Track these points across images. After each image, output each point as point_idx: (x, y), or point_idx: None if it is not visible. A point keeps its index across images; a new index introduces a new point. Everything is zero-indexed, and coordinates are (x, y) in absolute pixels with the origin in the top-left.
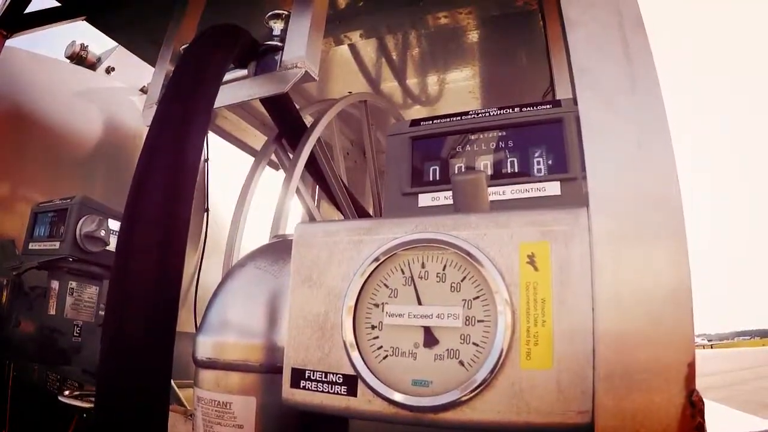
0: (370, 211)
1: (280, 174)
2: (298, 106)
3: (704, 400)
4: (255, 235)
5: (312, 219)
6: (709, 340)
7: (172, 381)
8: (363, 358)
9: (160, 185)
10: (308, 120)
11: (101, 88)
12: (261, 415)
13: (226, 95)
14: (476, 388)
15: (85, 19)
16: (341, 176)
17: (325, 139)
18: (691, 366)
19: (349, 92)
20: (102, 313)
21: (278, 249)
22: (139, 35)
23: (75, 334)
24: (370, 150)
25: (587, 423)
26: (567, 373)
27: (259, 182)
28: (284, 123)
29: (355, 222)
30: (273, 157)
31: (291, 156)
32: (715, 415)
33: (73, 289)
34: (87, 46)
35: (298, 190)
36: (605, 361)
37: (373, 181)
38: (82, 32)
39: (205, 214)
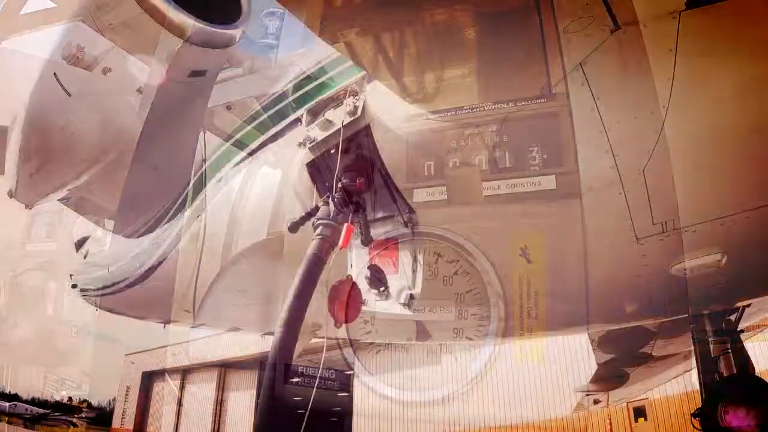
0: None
1: (279, 172)
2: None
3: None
4: (254, 234)
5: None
6: None
7: (170, 380)
8: (356, 353)
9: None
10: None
11: (98, 88)
12: (256, 412)
13: (222, 94)
14: (469, 382)
15: (81, 20)
16: (339, 174)
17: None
18: (687, 357)
19: (346, 90)
20: (100, 311)
21: (272, 245)
22: (135, 35)
23: (73, 335)
24: (368, 148)
25: (583, 418)
26: (562, 368)
27: (258, 180)
28: (281, 121)
29: (346, 217)
30: (270, 155)
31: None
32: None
33: (71, 290)
34: (84, 47)
35: (296, 188)
36: (601, 355)
37: (371, 179)
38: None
39: (204, 213)
